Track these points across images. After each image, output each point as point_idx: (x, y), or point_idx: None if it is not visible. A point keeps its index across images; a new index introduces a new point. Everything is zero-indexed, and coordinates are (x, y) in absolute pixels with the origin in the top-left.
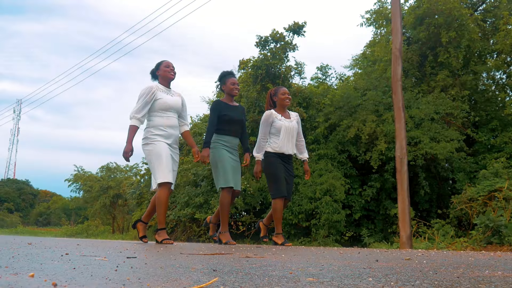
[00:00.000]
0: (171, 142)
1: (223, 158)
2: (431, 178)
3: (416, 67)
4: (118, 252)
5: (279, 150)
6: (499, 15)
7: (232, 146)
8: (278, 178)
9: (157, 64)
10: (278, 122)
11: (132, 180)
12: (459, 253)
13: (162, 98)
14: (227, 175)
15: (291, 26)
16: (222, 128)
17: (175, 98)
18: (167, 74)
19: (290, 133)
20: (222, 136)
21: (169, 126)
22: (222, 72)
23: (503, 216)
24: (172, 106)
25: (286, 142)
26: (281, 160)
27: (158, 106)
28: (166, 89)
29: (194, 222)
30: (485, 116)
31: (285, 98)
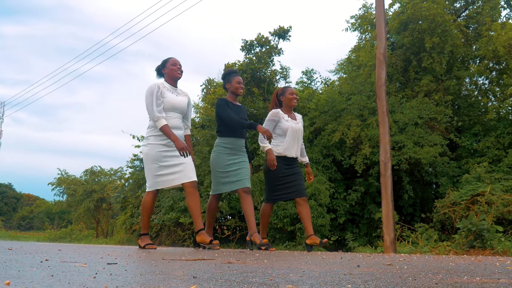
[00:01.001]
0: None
1: (218, 165)
2: (415, 182)
3: (400, 72)
4: (99, 258)
5: (283, 153)
6: (481, 21)
7: (236, 148)
8: (273, 185)
9: (163, 61)
10: (285, 123)
11: (116, 184)
12: (441, 258)
13: (167, 98)
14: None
15: (276, 31)
16: (225, 129)
17: (181, 98)
18: (174, 73)
19: (296, 135)
20: (224, 138)
21: (171, 127)
22: (227, 70)
23: (485, 220)
24: (176, 107)
25: (292, 144)
26: (284, 163)
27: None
28: (172, 88)
29: (179, 226)
30: (468, 121)
31: (293, 98)
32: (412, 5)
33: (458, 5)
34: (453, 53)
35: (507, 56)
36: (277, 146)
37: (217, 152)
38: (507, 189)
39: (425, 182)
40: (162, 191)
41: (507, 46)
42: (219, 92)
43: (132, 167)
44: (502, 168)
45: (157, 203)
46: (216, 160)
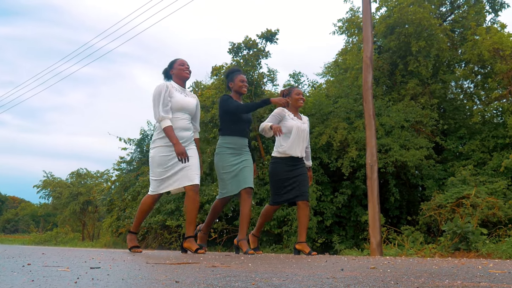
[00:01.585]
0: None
1: (223, 167)
2: (401, 185)
3: (387, 75)
4: (83, 262)
5: (288, 152)
6: (467, 26)
7: (239, 148)
8: (278, 188)
9: (170, 63)
10: (290, 121)
11: (102, 187)
12: (425, 261)
13: (175, 98)
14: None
15: (264, 33)
16: (228, 128)
17: (189, 99)
18: (182, 73)
19: (301, 135)
20: (227, 137)
21: (179, 128)
22: (230, 68)
23: (470, 223)
24: (185, 107)
25: (296, 143)
26: (288, 164)
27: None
28: (180, 89)
29: (165, 229)
30: (453, 124)
31: (299, 99)
32: (398, 9)
33: (444, 10)
34: (439, 57)
35: (491, 60)
36: (280, 146)
37: (220, 154)
38: (492, 192)
39: (411, 185)
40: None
41: (492, 50)
42: (206, 95)
43: (118, 169)
44: (487, 171)
45: None
46: (220, 162)
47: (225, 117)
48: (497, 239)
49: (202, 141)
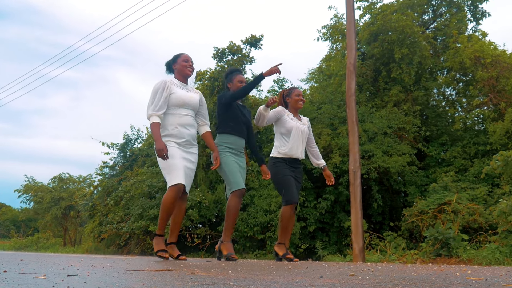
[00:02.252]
0: (182, 142)
1: (229, 162)
2: (384, 191)
3: (370, 82)
4: (61, 269)
5: (288, 153)
6: (449, 34)
7: (237, 148)
8: (286, 184)
9: (174, 57)
10: (290, 122)
11: (85, 191)
12: (405, 267)
13: (176, 93)
14: (237, 177)
15: (248, 39)
16: (227, 126)
17: (191, 94)
18: (185, 70)
19: (301, 135)
20: (226, 136)
21: (181, 124)
22: (229, 68)
23: (451, 229)
24: (187, 103)
25: (296, 144)
26: (289, 165)
27: (170, 102)
28: (182, 84)
29: (148, 234)
30: (435, 131)
31: (299, 100)
32: (382, 16)
33: (427, 18)
34: (421, 64)
35: (473, 68)
36: (281, 147)
37: (221, 152)
38: (473, 198)
39: (394, 191)
40: (131, 199)
41: (473, 58)
42: None
43: (101, 174)
44: (468, 177)
45: (126, 211)
46: (224, 157)
47: (224, 115)
48: (478, 245)
49: None
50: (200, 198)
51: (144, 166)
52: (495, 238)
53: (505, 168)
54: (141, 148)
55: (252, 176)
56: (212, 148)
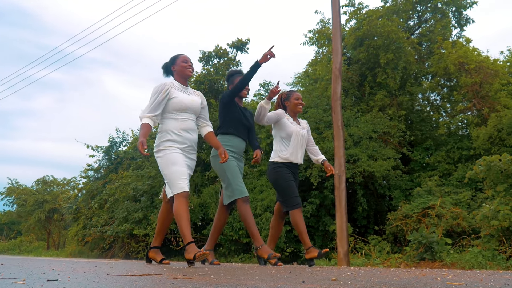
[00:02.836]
0: (185, 148)
1: (232, 167)
2: (369, 195)
3: (356, 86)
4: (42, 274)
5: (289, 158)
6: (434, 39)
7: (239, 152)
8: (291, 188)
9: (172, 58)
10: (290, 126)
11: (69, 194)
12: (388, 271)
13: (177, 97)
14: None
15: (234, 43)
16: (230, 126)
17: (193, 98)
18: (185, 71)
19: (300, 140)
20: (229, 138)
21: (184, 129)
22: (231, 70)
23: (435, 233)
24: (189, 107)
25: (296, 150)
26: (288, 171)
27: (172, 106)
28: (182, 87)
29: (133, 238)
30: (420, 135)
31: (298, 104)
32: (367, 21)
33: (412, 23)
34: (406, 69)
35: (457, 74)
36: (282, 151)
37: None
38: (456, 202)
39: (379, 195)
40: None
41: (457, 64)
42: None
43: (86, 177)
44: (452, 182)
45: (110, 214)
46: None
47: (227, 115)
48: (461, 249)
49: None
50: None
51: (129, 169)
52: (478, 242)
53: (488, 173)
54: (126, 151)
55: None
56: (217, 147)
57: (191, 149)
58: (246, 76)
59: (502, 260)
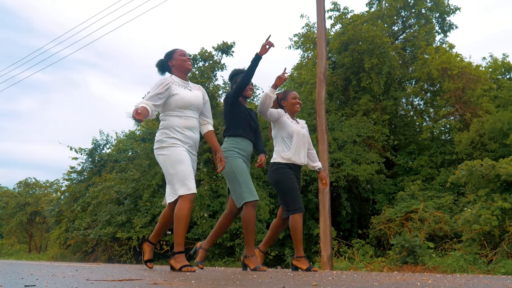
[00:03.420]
0: (189, 147)
1: (241, 169)
2: (353, 198)
3: (341, 90)
4: (19, 279)
5: (291, 158)
6: (417, 45)
7: (247, 156)
8: (294, 191)
9: (168, 53)
10: (291, 125)
11: (51, 197)
12: (369, 276)
13: (179, 94)
14: (251, 187)
15: (220, 46)
16: (239, 128)
17: (195, 93)
18: (184, 64)
19: (302, 140)
20: (239, 140)
21: (188, 127)
22: (234, 70)
23: (418, 237)
24: (192, 103)
25: (299, 149)
26: (292, 171)
27: (174, 103)
28: (183, 82)
29: (116, 241)
30: (403, 140)
31: (296, 103)
32: (352, 26)
33: (396, 28)
34: (390, 74)
35: (440, 79)
36: (283, 152)
37: (231, 158)
38: (439, 207)
39: (363, 199)
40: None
41: (441, 69)
42: None
43: (69, 179)
44: (434, 186)
45: (93, 217)
46: (234, 167)
47: (233, 116)
48: (443, 253)
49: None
50: None
51: (113, 172)
52: (460, 246)
53: (470, 177)
54: (110, 154)
55: (222, 183)
56: (216, 149)
57: (194, 149)
58: (249, 70)
59: (483, 264)
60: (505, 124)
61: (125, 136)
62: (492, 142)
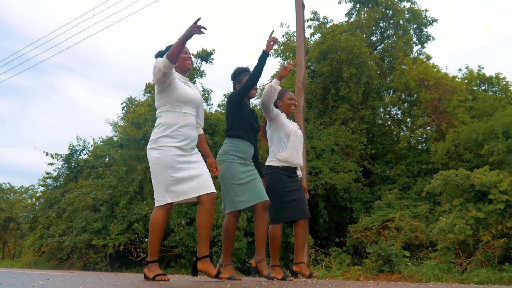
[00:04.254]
0: (185, 146)
1: (234, 174)
2: (330, 207)
3: (319, 99)
4: None
5: (288, 160)
6: (395, 55)
7: (247, 158)
8: (282, 200)
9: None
10: (289, 126)
11: (26, 203)
12: (344, 285)
13: (181, 88)
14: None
15: (199, 53)
16: (240, 128)
17: (195, 91)
18: (184, 63)
19: (299, 140)
20: (238, 142)
21: (185, 125)
22: (237, 68)
23: (394, 245)
24: (192, 99)
25: (296, 150)
26: (287, 175)
27: (174, 96)
28: (183, 78)
29: (91, 248)
30: (381, 149)
31: (292, 104)
32: (331, 36)
33: (375, 39)
34: (368, 84)
35: (417, 89)
36: (279, 153)
37: (227, 162)
38: (415, 215)
39: (340, 207)
40: (75, 211)
41: (418, 80)
42: (139, 112)
43: (44, 185)
44: (411, 195)
45: (69, 224)
46: (228, 171)
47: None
48: (418, 262)
49: (133, 159)
50: (146, 211)
51: (89, 178)
52: (435, 255)
53: (445, 187)
54: (87, 160)
55: None
56: (206, 154)
57: (192, 148)
58: (257, 69)
59: (458, 272)
60: (479, 135)
61: (102, 142)
62: (467, 152)
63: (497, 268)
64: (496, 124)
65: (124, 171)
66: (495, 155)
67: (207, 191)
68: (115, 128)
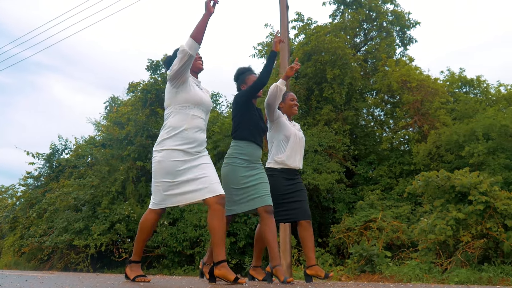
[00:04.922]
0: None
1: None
2: (313, 207)
3: (303, 100)
4: None
5: (287, 162)
6: (378, 57)
7: (254, 160)
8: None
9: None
10: (290, 128)
11: (6, 203)
12: (324, 286)
13: (193, 90)
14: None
15: None
16: (246, 130)
17: (206, 94)
18: (196, 63)
19: (298, 143)
20: (244, 145)
21: (192, 127)
22: (240, 68)
23: (376, 246)
24: (204, 102)
25: (295, 152)
26: (286, 178)
27: (186, 97)
28: (196, 81)
29: (73, 249)
30: (364, 150)
31: (294, 105)
32: (316, 37)
33: (358, 40)
34: (352, 85)
35: (400, 91)
36: (277, 155)
37: (231, 165)
38: (397, 216)
39: (323, 208)
40: (56, 211)
41: (400, 81)
42: (122, 111)
43: (25, 185)
44: (393, 195)
45: (50, 224)
46: (231, 175)
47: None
48: (400, 262)
49: (115, 159)
50: (128, 212)
51: (71, 178)
52: (416, 255)
53: (426, 188)
54: (69, 159)
55: None
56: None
57: (199, 151)
58: (266, 69)
59: (438, 272)
60: (460, 137)
61: (84, 142)
62: (449, 153)
63: (477, 268)
64: (476, 126)
65: (106, 171)
66: (475, 156)
67: (214, 194)
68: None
